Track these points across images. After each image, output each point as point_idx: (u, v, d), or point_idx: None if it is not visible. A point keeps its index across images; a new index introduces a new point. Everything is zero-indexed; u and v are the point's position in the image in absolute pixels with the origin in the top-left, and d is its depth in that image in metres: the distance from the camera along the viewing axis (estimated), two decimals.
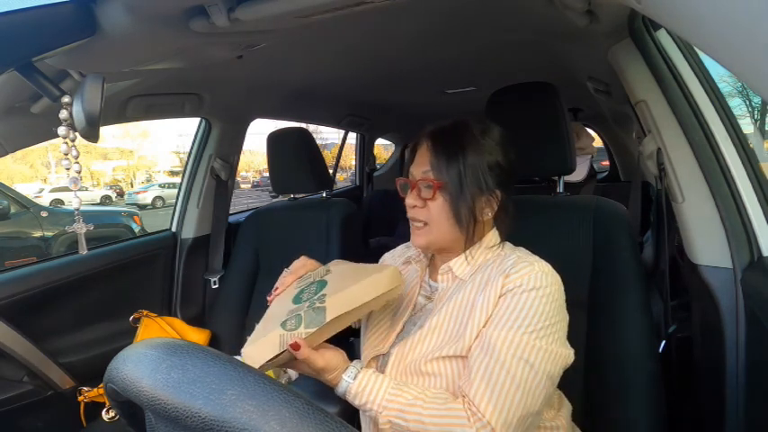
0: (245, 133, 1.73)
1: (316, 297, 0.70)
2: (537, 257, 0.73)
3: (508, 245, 0.79)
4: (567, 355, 0.67)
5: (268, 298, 0.79)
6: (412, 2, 0.72)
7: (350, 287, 0.68)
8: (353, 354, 0.72)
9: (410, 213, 0.77)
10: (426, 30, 1.07)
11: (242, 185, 17.49)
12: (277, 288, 0.79)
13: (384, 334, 0.80)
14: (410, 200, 0.76)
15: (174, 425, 0.30)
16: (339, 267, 0.80)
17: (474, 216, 0.74)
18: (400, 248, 0.96)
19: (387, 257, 0.97)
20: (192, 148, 1.66)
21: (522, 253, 0.75)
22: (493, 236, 0.79)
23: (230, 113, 1.59)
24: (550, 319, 0.66)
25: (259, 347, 0.64)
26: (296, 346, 0.64)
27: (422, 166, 0.76)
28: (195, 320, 1.60)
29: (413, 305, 0.81)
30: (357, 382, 0.68)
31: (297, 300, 0.72)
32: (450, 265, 0.78)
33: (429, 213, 0.75)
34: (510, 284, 0.68)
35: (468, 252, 0.77)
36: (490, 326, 0.67)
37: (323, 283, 0.74)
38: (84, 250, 0.77)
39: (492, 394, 0.61)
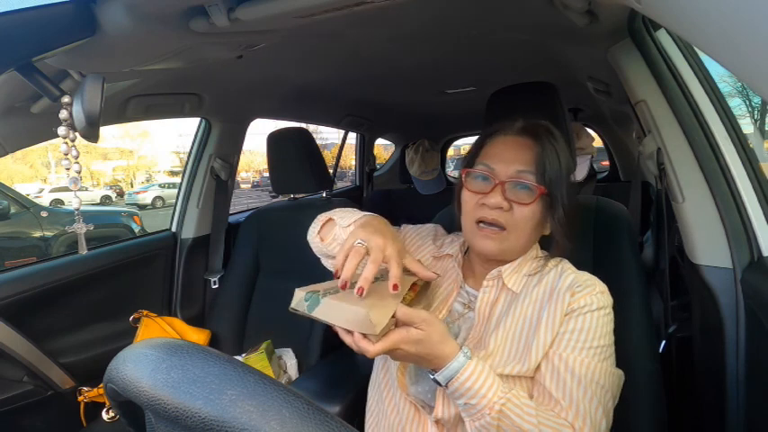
0: (245, 133, 1.73)
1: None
2: (588, 273, 0.70)
3: (549, 255, 0.76)
4: (622, 375, 0.67)
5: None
6: (412, 2, 0.72)
7: (342, 304, 0.60)
8: (354, 356, 0.67)
9: (487, 215, 0.68)
10: (426, 30, 1.07)
11: (242, 185, 17.50)
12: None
13: None
14: (495, 200, 0.67)
15: (174, 425, 0.30)
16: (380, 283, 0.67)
17: (566, 225, 0.69)
18: (428, 230, 0.86)
19: (410, 232, 0.86)
20: (191, 148, 1.66)
21: (570, 266, 0.72)
22: (538, 246, 0.76)
23: (230, 113, 1.59)
24: (611, 337, 0.66)
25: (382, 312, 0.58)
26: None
27: (516, 164, 0.68)
28: (195, 320, 1.60)
29: (447, 310, 0.75)
30: (475, 362, 0.60)
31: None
32: (501, 272, 0.72)
33: (513, 218, 0.67)
34: (575, 304, 0.65)
35: (520, 260, 0.72)
36: (561, 347, 0.64)
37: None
38: (84, 250, 0.77)
39: (585, 420, 0.60)
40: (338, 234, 0.74)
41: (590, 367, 0.62)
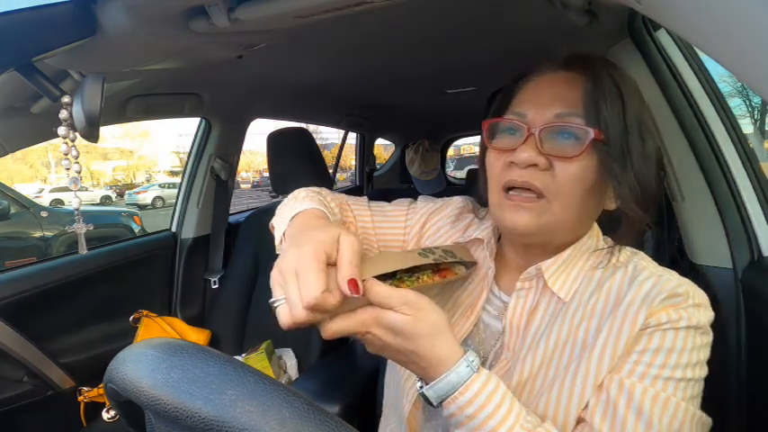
0: (245, 133, 1.73)
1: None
2: (677, 275, 0.50)
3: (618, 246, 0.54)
4: (710, 423, 0.48)
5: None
6: (412, 2, 0.72)
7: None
8: (354, 356, 0.57)
9: (517, 177, 0.49)
10: (426, 30, 1.07)
11: (242, 185, 17.51)
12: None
13: None
14: (526, 155, 0.47)
15: (174, 425, 0.30)
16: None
17: (646, 196, 0.48)
18: (450, 207, 0.66)
19: (427, 212, 0.67)
20: (191, 148, 1.66)
21: (648, 262, 0.52)
22: (599, 232, 0.55)
23: (230, 113, 1.59)
24: (702, 369, 0.47)
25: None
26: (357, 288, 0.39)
27: (556, 106, 0.48)
28: (195, 320, 1.60)
29: (473, 321, 0.56)
30: (484, 377, 0.42)
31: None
32: (541, 269, 0.52)
33: (554, 182, 0.47)
34: (653, 318, 0.45)
35: (570, 252, 0.52)
36: (624, 371, 0.45)
37: None
38: (84, 250, 0.77)
39: None
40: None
41: (668, 406, 0.42)
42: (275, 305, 0.41)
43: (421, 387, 0.45)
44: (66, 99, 0.64)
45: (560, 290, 0.51)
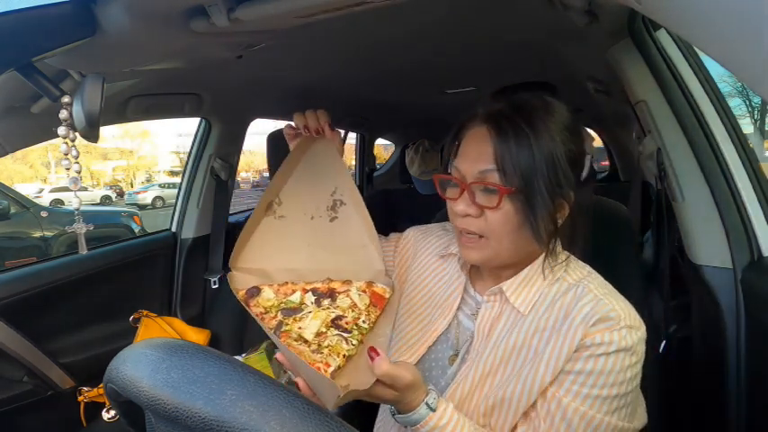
0: (245, 133, 1.73)
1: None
2: (617, 294, 0.60)
3: (573, 262, 0.65)
4: (636, 429, 0.57)
5: None
6: (412, 2, 0.72)
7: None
8: None
9: (459, 223, 0.61)
10: (426, 30, 1.07)
11: (242, 185, 17.51)
12: None
13: (406, 351, 0.67)
14: (461, 207, 0.59)
15: (174, 425, 0.30)
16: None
17: (555, 225, 0.58)
18: (437, 230, 0.78)
19: (414, 233, 0.80)
20: (192, 148, 1.66)
21: (595, 284, 0.60)
22: (556, 243, 0.64)
23: (230, 113, 1.59)
24: (632, 384, 0.55)
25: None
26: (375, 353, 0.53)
27: (478, 163, 0.58)
28: (195, 320, 1.60)
29: (450, 319, 0.66)
30: (438, 415, 0.54)
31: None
32: (502, 289, 0.62)
33: (487, 225, 0.58)
34: (589, 339, 0.54)
35: (528, 272, 0.62)
36: (562, 389, 0.55)
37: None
38: (84, 250, 0.77)
39: None
40: None
41: (591, 422, 0.53)
42: None
43: (393, 413, 0.57)
44: (66, 99, 0.64)
45: (521, 305, 0.61)
